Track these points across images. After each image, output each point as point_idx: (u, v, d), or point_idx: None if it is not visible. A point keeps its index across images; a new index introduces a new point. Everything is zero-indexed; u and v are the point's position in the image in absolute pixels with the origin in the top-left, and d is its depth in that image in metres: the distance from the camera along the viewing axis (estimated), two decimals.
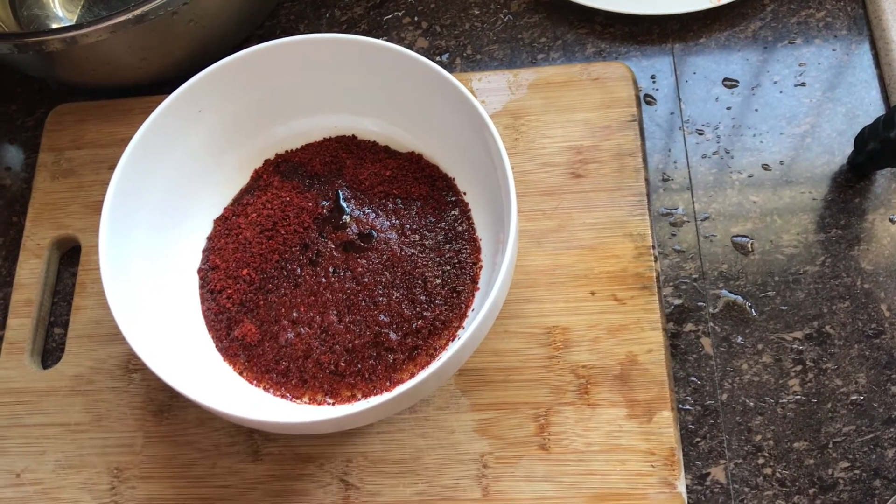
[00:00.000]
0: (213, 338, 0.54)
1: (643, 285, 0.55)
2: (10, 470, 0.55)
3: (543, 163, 0.60)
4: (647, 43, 0.66)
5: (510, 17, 0.69)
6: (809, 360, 0.55)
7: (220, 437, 0.55)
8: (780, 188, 0.60)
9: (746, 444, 0.53)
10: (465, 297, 0.54)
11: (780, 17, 0.66)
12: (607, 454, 0.52)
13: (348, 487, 0.53)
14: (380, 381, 0.52)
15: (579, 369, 0.54)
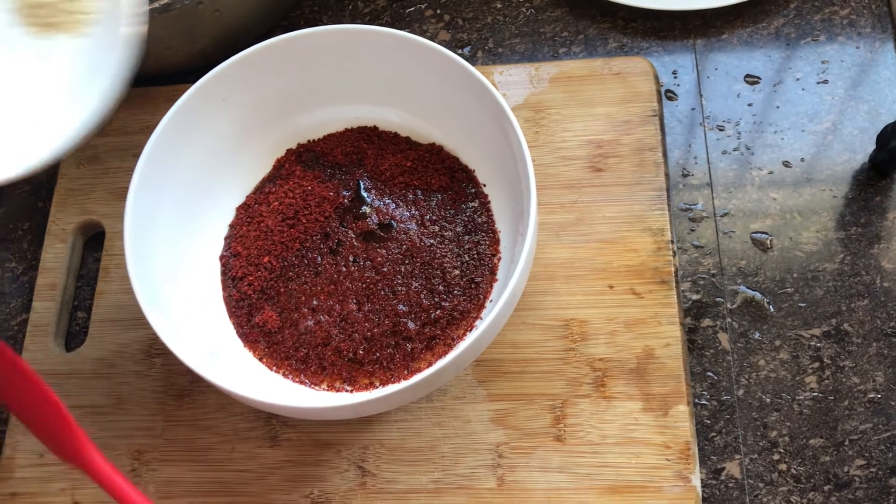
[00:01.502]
0: (234, 324, 0.55)
1: (661, 280, 0.56)
2: (34, 450, 0.56)
3: (563, 156, 0.60)
4: (669, 38, 0.66)
5: (532, 10, 0.69)
6: (827, 357, 0.55)
7: (240, 421, 0.55)
8: (800, 185, 0.60)
9: (762, 439, 0.54)
10: (483, 288, 0.54)
11: (803, 13, 0.66)
12: (622, 447, 0.52)
13: (365, 474, 0.53)
14: (398, 369, 0.53)
15: (596, 362, 0.54)
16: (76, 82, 0.43)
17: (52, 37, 0.44)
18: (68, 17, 0.43)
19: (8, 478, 0.56)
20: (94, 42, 0.43)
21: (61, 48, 0.44)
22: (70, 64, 0.43)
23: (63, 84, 0.43)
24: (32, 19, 0.44)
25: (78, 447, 0.49)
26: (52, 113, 0.43)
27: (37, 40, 0.44)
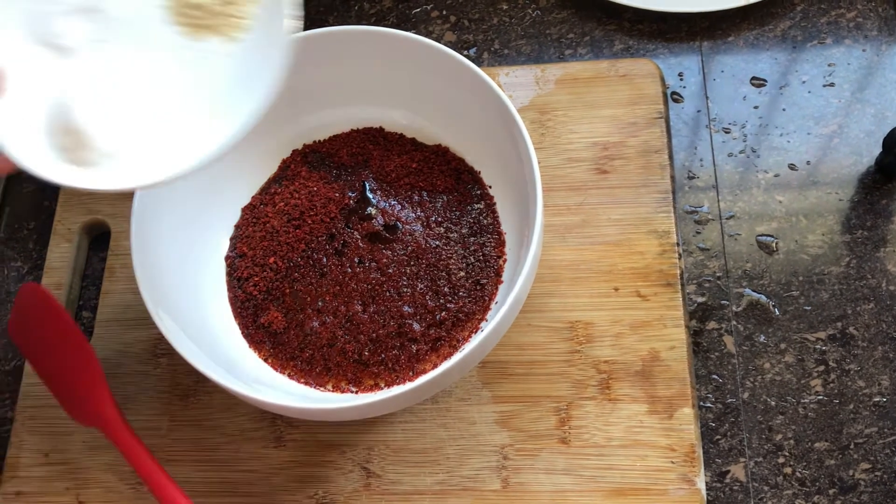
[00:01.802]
0: (240, 324, 0.55)
1: (667, 282, 0.55)
2: (39, 449, 0.56)
3: (569, 158, 0.60)
4: (675, 40, 0.66)
5: (538, 12, 0.69)
6: (832, 360, 0.55)
7: (245, 422, 0.55)
8: (806, 188, 0.60)
9: (767, 442, 0.53)
10: (488, 290, 0.54)
11: (810, 16, 0.66)
12: (627, 449, 0.52)
13: (370, 475, 0.53)
14: (403, 370, 0.53)
15: (601, 364, 0.54)
16: (228, 88, 0.43)
17: (204, 39, 0.43)
18: (224, 21, 0.43)
19: (13, 477, 0.56)
20: (248, 48, 0.43)
21: (214, 51, 0.43)
22: (223, 69, 0.43)
23: (213, 90, 0.43)
24: (185, 19, 0.43)
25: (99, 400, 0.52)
26: (200, 119, 0.43)
27: (188, 41, 0.43)
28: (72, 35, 0.43)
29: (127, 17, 0.43)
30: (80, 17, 0.43)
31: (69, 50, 0.43)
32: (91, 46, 0.43)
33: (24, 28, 0.43)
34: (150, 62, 0.43)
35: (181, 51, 0.43)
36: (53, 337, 0.55)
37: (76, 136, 0.42)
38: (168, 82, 0.43)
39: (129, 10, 0.43)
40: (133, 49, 0.43)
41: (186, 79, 0.43)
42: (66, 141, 0.42)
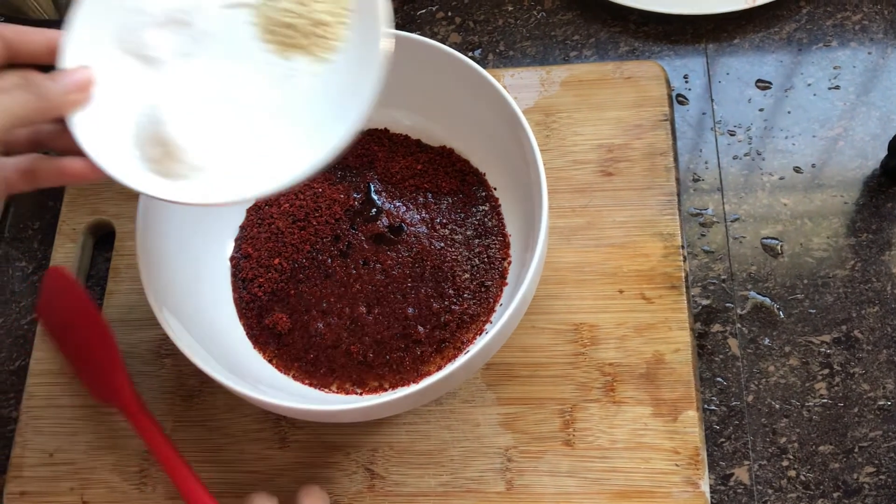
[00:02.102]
0: (244, 325, 0.55)
1: (671, 285, 0.55)
2: (44, 449, 0.56)
3: (574, 160, 0.60)
4: (680, 42, 0.66)
5: (543, 13, 0.69)
6: (837, 364, 0.55)
7: (249, 423, 0.55)
8: (811, 191, 0.60)
9: (771, 445, 0.53)
10: (493, 292, 0.54)
11: (815, 19, 0.66)
12: (631, 452, 0.52)
13: (374, 476, 0.53)
14: (407, 372, 0.53)
15: (606, 367, 0.54)
16: (317, 108, 0.43)
17: (293, 58, 0.43)
18: (314, 42, 0.43)
19: (17, 476, 0.56)
20: (338, 69, 0.43)
21: (304, 70, 0.43)
22: (312, 88, 0.43)
23: (302, 109, 0.43)
24: (275, 37, 0.43)
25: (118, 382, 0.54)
26: (288, 137, 0.42)
27: (277, 58, 0.43)
28: (161, 47, 0.43)
29: (216, 32, 0.43)
30: (169, 29, 0.43)
31: (158, 61, 0.43)
32: (179, 59, 0.43)
33: (113, 37, 0.43)
34: (238, 78, 0.43)
35: (270, 68, 0.43)
36: (76, 318, 0.57)
37: (165, 148, 0.41)
38: (256, 99, 0.43)
39: (218, 26, 0.43)
40: (221, 64, 0.43)
41: (274, 96, 0.43)
42: (155, 152, 0.42)
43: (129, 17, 0.43)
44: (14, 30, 0.40)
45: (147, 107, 0.42)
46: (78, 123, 0.41)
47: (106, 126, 0.41)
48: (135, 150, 0.42)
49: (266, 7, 0.43)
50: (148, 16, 0.43)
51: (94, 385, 0.56)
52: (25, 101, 0.38)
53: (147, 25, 0.43)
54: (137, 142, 0.42)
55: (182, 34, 0.43)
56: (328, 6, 0.42)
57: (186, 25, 0.43)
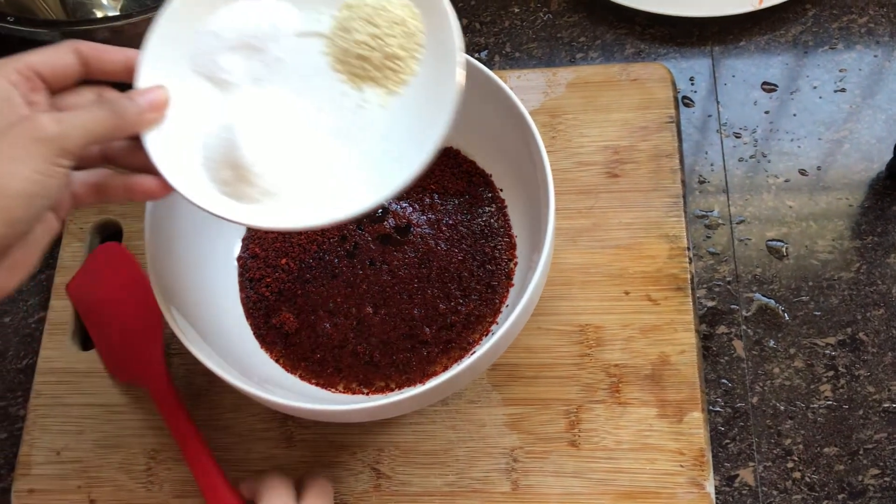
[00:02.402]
0: (252, 325, 0.56)
1: (677, 286, 0.56)
2: (51, 448, 0.57)
3: (580, 161, 0.60)
4: (686, 45, 0.66)
5: (549, 15, 0.69)
6: (842, 366, 0.55)
7: (255, 422, 0.56)
8: (816, 193, 0.60)
9: (776, 447, 0.54)
10: (499, 293, 0.54)
11: (821, 21, 0.66)
12: (637, 453, 0.52)
13: (380, 476, 0.53)
14: (413, 373, 0.53)
15: (611, 368, 0.54)
16: (389, 139, 0.43)
17: (365, 89, 0.44)
18: (387, 74, 0.43)
19: (25, 474, 0.56)
20: (409, 102, 0.43)
21: (376, 102, 0.43)
22: (384, 120, 0.43)
23: (374, 139, 0.43)
24: (348, 67, 0.44)
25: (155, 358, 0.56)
26: (359, 166, 0.43)
27: (350, 89, 0.44)
28: (234, 71, 0.44)
29: (289, 59, 0.44)
30: (242, 54, 0.44)
31: (230, 85, 0.44)
32: (252, 84, 0.44)
33: (188, 59, 0.43)
34: (310, 106, 0.44)
35: (341, 97, 0.44)
36: (123, 292, 0.58)
37: (238, 172, 0.42)
38: (326, 127, 0.44)
39: (291, 53, 0.44)
40: (293, 91, 0.44)
41: (345, 125, 0.44)
42: (227, 175, 0.42)
43: (204, 39, 0.44)
44: (92, 47, 0.41)
45: (219, 129, 0.43)
46: (151, 142, 0.41)
47: (178, 145, 0.42)
48: (205, 171, 0.43)
49: (339, 38, 0.44)
50: (223, 40, 0.44)
51: (123, 362, 0.57)
52: (103, 118, 0.39)
53: (221, 49, 0.44)
54: (208, 163, 0.43)
55: (255, 59, 0.44)
56: (402, 40, 0.43)
57: (260, 51, 0.44)
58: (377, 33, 0.43)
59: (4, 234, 0.36)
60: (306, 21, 0.44)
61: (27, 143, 0.36)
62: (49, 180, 0.36)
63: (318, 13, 0.44)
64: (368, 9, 0.43)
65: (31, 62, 0.39)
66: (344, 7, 0.44)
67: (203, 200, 0.41)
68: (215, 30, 0.43)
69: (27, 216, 0.36)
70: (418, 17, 0.43)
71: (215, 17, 0.44)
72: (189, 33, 0.43)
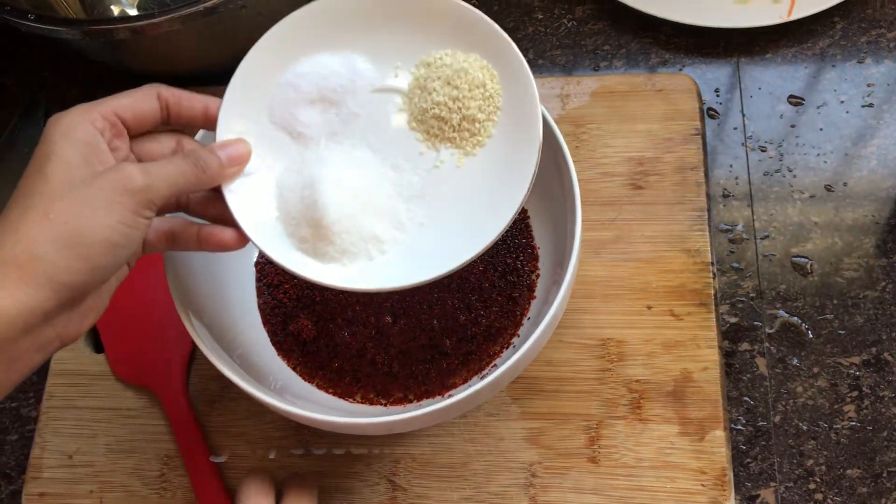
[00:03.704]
0: (269, 331, 0.55)
1: (701, 302, 0.55)
2: (63, 451, 0.56)
3: (604, 172, 0.60)
4: (712, 55, 0.66)
5: (574, 22, 0.68)
6: (866, 386, 0.54)
7: (270, 430, 0.55)
8: (842, 210, 0.59)
9: (798, 467, 0.53)
10: (521, 306, 0.54)
11: (849, 35, 0.65)
12: (657, 471, 0.51)
13: (395, 488, 0.53)
14: (432, 384, 0.52)
15: (633, 384, 0.53)
16: (466, 203, 0.43)
17: (441, 149, 0.44)
18: (464, 136, 0.44)
19: (36, 477, 0.55)
20: (486, 164, 0.44)
21: (452, 164, 0.44)
22: (460, 182, 0.44)
23: (451, 202, 0.43)
24: (424, 126, 0.44)
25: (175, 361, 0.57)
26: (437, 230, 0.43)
27: (426, 148, 0.44)
28: (311, 124, 0.44)
29: (365, 115, 0.44)
30: (319, 107, 0.44)
31: (307, 138, 0.44)
32: (328, 139, 0.44)
33: (267, 110, 0.44)
34: (387, 163, 0.44)
35: (417, 156, 0.44)
36: (149, 296, 0.58)
37: (319, 231, 0.42)
38: (403, 186, 0.44)
39: (367, 108, 0.44)
40: (370, 147, 0.44)
41: (420, 185, 0.44)
42: (307, 233, 0.42)
43: (283, 91, 0.44)
44: (173, 93, 0.41)
45: (299, 186, 0.43)
46: (230, 193, 0.42)
47: (255, 199, 0.42)
48: (282, 225, 0.43)
49: (418, 97, 0.44)
50: (301, 92, 0.44)
51: (135, 365, 0.57)
52: (187, 171, 0.39)
53: (299, 102, 0.44)
54: (286, 218, 0.43)
55: (331, 113, 0.44)
56: (480, 102, 0.43)
57: (336, 105, 0.44)
58: (457, 95, 0.43)
59: (85, 281, 0.36)
60: (383, 76, 0.44)
61: (115, 193, 0.36)
62: (133, 231, 0.37)
63: (395, 68, 0.45)
64: (448, 70, 0.43)
65: (115, 107, 0.39)
66: (422, 65, 0.44)
67: (282, 257, 0.42)
68: (293, 82, 0.44)
69: (109, 265, 0.37)
70: (496, 79, 0.43)
71: (293, 69, 0.44)
72: (267, 85, 0.44)
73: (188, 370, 0.57)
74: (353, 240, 0.43)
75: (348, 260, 0.43)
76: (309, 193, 0.42)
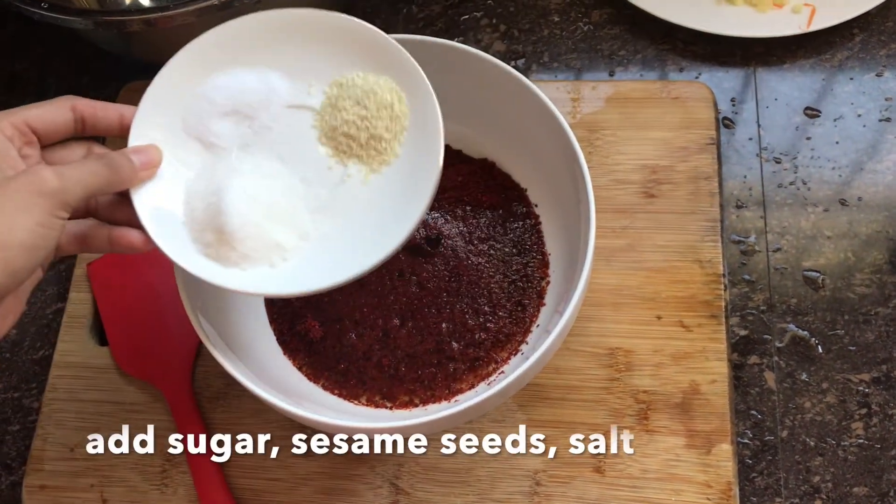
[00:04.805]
0: (275, 330, 0.54)
1: (711, 314, 0.54)
2: (65, 443, 0.56)
3: (617, 179, 0.59)
4: (728, 64, 0.65)
5: (590, 26, 0.68)
6: (875, 404, 0.54)
7: (274, 429, 0.54)
8: (856, 224, 0.59)
9: (804, 483, 0.52)
10: (530, 312, 0.53)
11: (868, 48, 0.64)
12: (662, 483, 0.51)
13: (398, 492, 0.52)
14: (439, 388, 0.52)
15: (640, 394, 0.53)
16: (368, 217, 0.45)
17: (349, 164, 0.45)
18: (371, 154, 0.45)
19: (38, 469, 0.55)
20: (391, 180, 0.45)
21: (358, 179, 0.45)
22: (364, 197, 0.45)
23: (354, 215, 0.45)
24: (333, 143, 0.45)
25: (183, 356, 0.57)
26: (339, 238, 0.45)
27: (335, 163, 0.45)
28: (223, 135, 0.45)
29: (277, 129, 0.46)
30: (232, 120, 0.45)
31: (219, 149, 0.45)
32: (239, 150, 0.45)
33: (181, 120, 0.45)
34: (295, 175, 0.45)
35: (325, 171, 0.45)
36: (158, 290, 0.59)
37: (220, 236, 0.43)
38: (307, 198, 0.45)
39: (279, 123, 0.46)
40: (279, 158, 0.45)
41: (326, 198, 0.45)
42: (210, 238, 0.43)
43: (198, 103, 0.45)
44: (87, 104, 0.42)
45: (206, 193, 0.44)
46: (138, 198, 0.43)
47: (162, 204, 0.43)
48: (186, 230, 0.44)
49: (329, 115, 0.45)
50: (215, 105, 0.45)
51: (139, 358, 0.57)
52: (100, 173, 0.40)
53: (213, 114, 0.45)
54: (191, 223, 0.44)
55: (244, 126, 0.45)
56: (387, 122, 0.45)
57: (249, 119, 0.45)
58: (365, 114, 0.45)
59: (4, 283, 0.37)
60: (297, 93, 0.46)
61: (30, 196, 0.37)
62: (50, 232, 0.38)
63: (309, 85, 0.46)
64: (358, 90, 0.45)
65: (26, 117, 0.40)
66: (335, 85, 0.46)
67: (183, 260, 0.43)
68: (209, 94, 0.45)
69: (28, 266, 0.37)
70: (404, 102, 0.45)
71: (210, 81, 0.45)
72: (183, 95, 0.45)
73: (193, 366, 0.57)
74: (256, 246, 0.44)
75: (249, 265, 0.44)
76: (215, 200, 0.43)
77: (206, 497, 0.52)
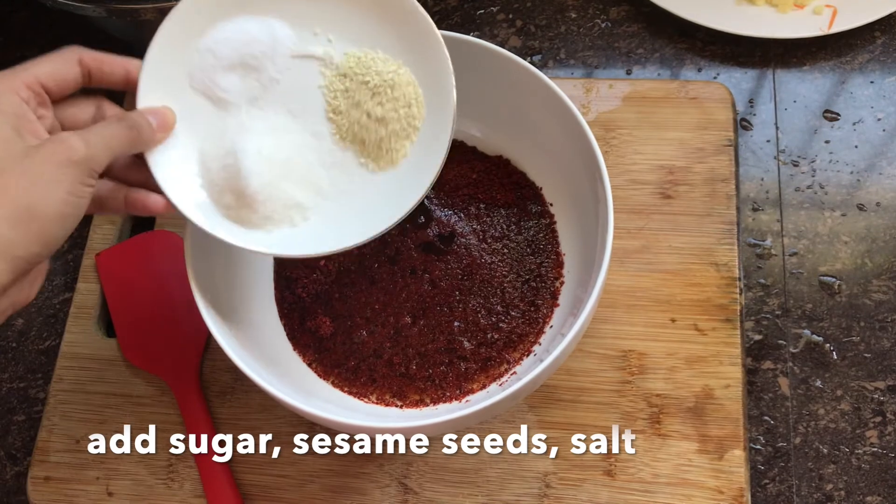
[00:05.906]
0: (285, 325, 0.54)
1: (726, 318, 0.54)
2: (71, 435, 0.55)
3: (633, 179, 0.58)
4: (747, 65, 0.64)
5: (608, 23, 0.67)
6: (890, 412, 0.53)
7: (282, 425, 0.54)
8: (874, 230, 0.58)
9: (816, 491, 0.52)
10: (543, 313, 0.52)
11: (890, 50, 0.64)
12: (674, 487, 0.50)
13: (407, 491, 0.52)
14: (450, 388, 0.51)
15: (653, 398, 0.52)
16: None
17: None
18: (383, 153, 0.45)
19: (43, 461, 0.55)
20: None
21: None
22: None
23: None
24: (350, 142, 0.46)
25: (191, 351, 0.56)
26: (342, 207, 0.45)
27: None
28: (231, 90, 0.44)
29: (284, 81, 0.45)
30: (238, 73, 0.45)
31: (228, 104, 0.44)
32: (249, 104, 0.45)
33: (186, 75, 0.44)
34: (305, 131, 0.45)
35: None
36: (168, 282, 0.58)
37: (242, 199, 0.43)
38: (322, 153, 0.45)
39: (287, 74, 0.45)
40: (289, 115, 0.45)
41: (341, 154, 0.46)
42: (231, 200, 0.43)
43: (202, 57, 0.44)
44: (94, 57, 0.41)
45: (222, 154, 0.44)
46: (153, 160, 0.42)
47: (178, 165, 0.43)
48: (206, 192, 0.44)
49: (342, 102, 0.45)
50: (220, 58, 0.44)
51: (147, 350, 0.57)
52: (123, 135, 0.40)
53: (219, 68, 0.44)
54: (210, 186, 0.44)
55: (251, 78, 0.45)
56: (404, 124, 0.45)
57: (256, 70, 0.45)
58: (380, 115, 0.44)
59: (40, 253, 0.37)
60: (301, 41, 0.45)
61: (59, 167, 0.37)
62: (80, 200, 0.38)
63: (314, 34, 0.45)
64: (376, 77, 0.44)
65: (38, 75, 0.39)
66: (352, 57, 0.45)
67: (209, 225, 0.43)
68: (213, 47, 0.44)
69: (61, 235, 0.38)
70: (421, 101, 0.45)
71: (213, 33, 0.44)
72: (188, 48, 0.44)
73: (201, 360, 0.56)
74: (276, 207, 0.44)
75: (272, 227, 0.44)
76: (232, 162, 0.43)
77: (212, 493, 0.51)
